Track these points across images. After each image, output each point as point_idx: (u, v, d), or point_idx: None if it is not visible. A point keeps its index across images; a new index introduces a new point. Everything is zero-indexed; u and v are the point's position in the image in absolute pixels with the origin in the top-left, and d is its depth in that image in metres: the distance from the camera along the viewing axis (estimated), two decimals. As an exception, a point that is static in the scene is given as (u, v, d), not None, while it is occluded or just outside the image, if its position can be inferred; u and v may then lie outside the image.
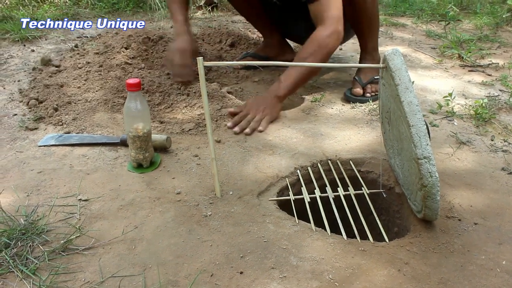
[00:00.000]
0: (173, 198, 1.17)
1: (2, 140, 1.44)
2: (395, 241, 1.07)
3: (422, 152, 0.99)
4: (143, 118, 1.25)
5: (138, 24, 2.77)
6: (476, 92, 1.90)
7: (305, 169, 1.34)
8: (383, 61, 1.10)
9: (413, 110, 1.00)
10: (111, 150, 1.40)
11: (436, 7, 3.25)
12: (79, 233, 1.04)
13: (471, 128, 1.59)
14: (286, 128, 1.55)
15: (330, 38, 1.56)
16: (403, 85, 1.03)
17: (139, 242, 1.02)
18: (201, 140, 1.46)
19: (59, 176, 1.27)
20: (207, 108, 1.09)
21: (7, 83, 1.85)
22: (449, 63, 2.27)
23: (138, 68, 1.93)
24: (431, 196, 1.01)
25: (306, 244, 1.02)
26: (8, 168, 1.30)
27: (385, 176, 1.31)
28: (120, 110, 1.62)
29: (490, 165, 1.38)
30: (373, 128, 1.56)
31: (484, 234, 1.08)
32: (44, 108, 1.63)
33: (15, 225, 1.05)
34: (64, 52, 2.19)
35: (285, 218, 1.12)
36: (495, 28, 2.88)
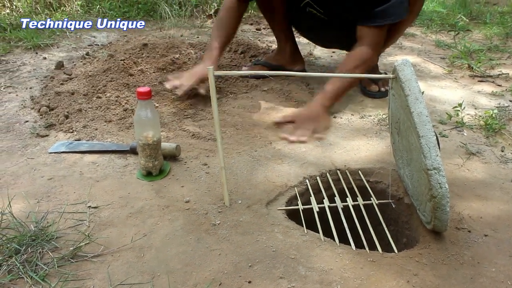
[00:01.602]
0: (182, 207, 1.18)
1: (13, 147, 1.46)
2: (404, 252, 1.06)
3: (432, 163, 0.98)
4: (153, 126, 1.26)
5: (138, 24, 2.82)
6: (485, 103, 1.89)
7: (314, 179, 1.34)
8: (393, 71, 1.10)
9: (423, 121, 1.00)
10: (120, 157, 1.41)
11: (445, 17, 3.24)
12: (88, 240, 1.05)
13: (481, 139, 1.59)
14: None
15: (371, 60, 1.74)
16: (413, 95, 1.03)
17: (148, 250, 1.02)
18: (210, 149, 1.46)
19: (69, 183, 1.28)
20: (216, 116, 1.10)
21: (19, 90, 1.88)
22: (459, 73, 2.26)
23: (149, 77, 1.94)
24: (440, 207, 1.01)
25: (315, 254, 1.02)
26: (19, 175, 1.31)
27: (394, 186, 1.31)
28: (131, 118, 1.63)
29: (500, 176, 1.37)
30: (382, 138, 1.56)
31: (495, 246, 1.08)
32: (55, 115, 1.64)
33: (25, 231, 1.06)
34: (76, 60, 2.21)
35: (294, 227, 1.12)
36: (505, 38, 2.87)
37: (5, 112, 1.69)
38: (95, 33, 2.70)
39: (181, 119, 1.64)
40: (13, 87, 1.90)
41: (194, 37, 2.67)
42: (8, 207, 1.13)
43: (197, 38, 2.64)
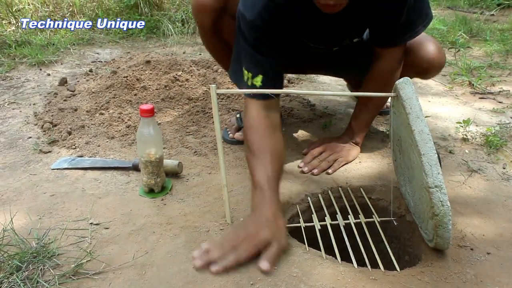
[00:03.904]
0: (184, 224, 1.18)
1: (16, 163, 1.46)
2: (406, 270, 1.06)
3: (433, 181, 0.99)
4: (155, 143, 1.27)
5: (138, 24, 2.88)
6: (487, 120, 1.90)
7: (316, 196, 1.34)
8: (394, 89, 1.11)
9: (424, 139, 1.01)
10: (123, 174, 1.41)
11: (446, 34, 3.27)
12: (89, 257, 1.04)
13: (482, 156, 1.59)
14: (297, 155, 1.55)
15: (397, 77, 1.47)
16: (414, 114, 1.03)
17: (150, 268, 1.02)
18: (212, 166, 1.47)
19: (71, 199, 1.28)
20: (219, 134, 1.10)
21: (23, 106, 1.89)
22: (460, 90, 2.27)
23: (152, 93, 1.96)
24: (442, 225, 1.00)
25: (317, 272, 1.02)
26: (21, 191, 1.32)
27: (396, 203, 1.31)
28: (133, 134, 1.64)
29: (502, 193, 1.37)
30: (383, 156, 1.56)
31: (498, 264, 1.07)
32: (58, 132, 1.65)
33: (27, 248, 1.06)
34: (79, 76, 2.24)
35: (296, 245, 1.12)
36: (505, 55, 2.89)
37: (8, 128, 1.70)
38: (99, 49, 2.73)
39: (183, 136, 1.65)
40: (17, 103, 1.92)
41: (196, 54, 2.69)
42: (10, 224, 1.14)
43: (200, 55, 2.66)
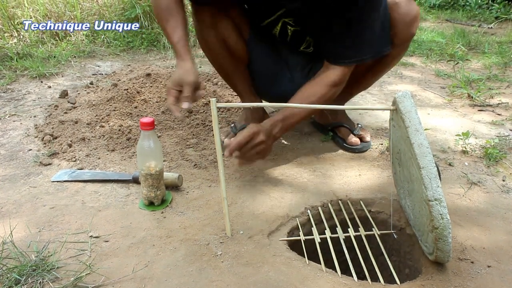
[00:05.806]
0: (184, 237, 1.17)
1: (16, 175, 1.46)
2: (407, 284, 1.06)
3: (433, 194, 0.99)
4: (155, 156, 1.27)
5: (133, 26, 2.95)
6: (486, 132, 1.91)
7: (316, 209, 1.34)
8: (393, 103, 1.12)
9: (423, 152, 1.01)
10: (123, 187, 1.41)
11: (444, 47, 3.29)
12: (89, 271, 1.04)
13: (482, 168, 1.59)
14: (296, 168, 1.56)
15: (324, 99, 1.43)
16: (413, 127, 1.04)
17: (149, 281, 1.02)
18: (212, 179, 1.47)
19: (71, 212, 1.28)
20: (219, 147, 1.11)
21: (24, 119, 1.90)
22: (459, 102, 2.28)
23: (152, 106, 1.97)
24: (442, 238, 1.00)
25: (317, 286, 1.02)
26: (21, 203, 1.32)
27: (396, 216, 1.31)
28: (133, 147, 1.65)
29: (502, 206, 1.37)
30: (383, 169, 1.56)
31: (498, 277, 1.07)
32: (58, 144, 1.66)
33: (26, 261, 1.05)
34: (80, 89, 2.25)
35: (296, 258, 1.11)
36: (503, 68, 2.90)
37: (9, 140, 1.70)
38: (100, 62, 2.74)
39: (183, 149, 1.65)
40: (18, 116, 1.93)
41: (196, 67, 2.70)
42: (9, 236, 1.14)
43: (200, 68, 2.67)
